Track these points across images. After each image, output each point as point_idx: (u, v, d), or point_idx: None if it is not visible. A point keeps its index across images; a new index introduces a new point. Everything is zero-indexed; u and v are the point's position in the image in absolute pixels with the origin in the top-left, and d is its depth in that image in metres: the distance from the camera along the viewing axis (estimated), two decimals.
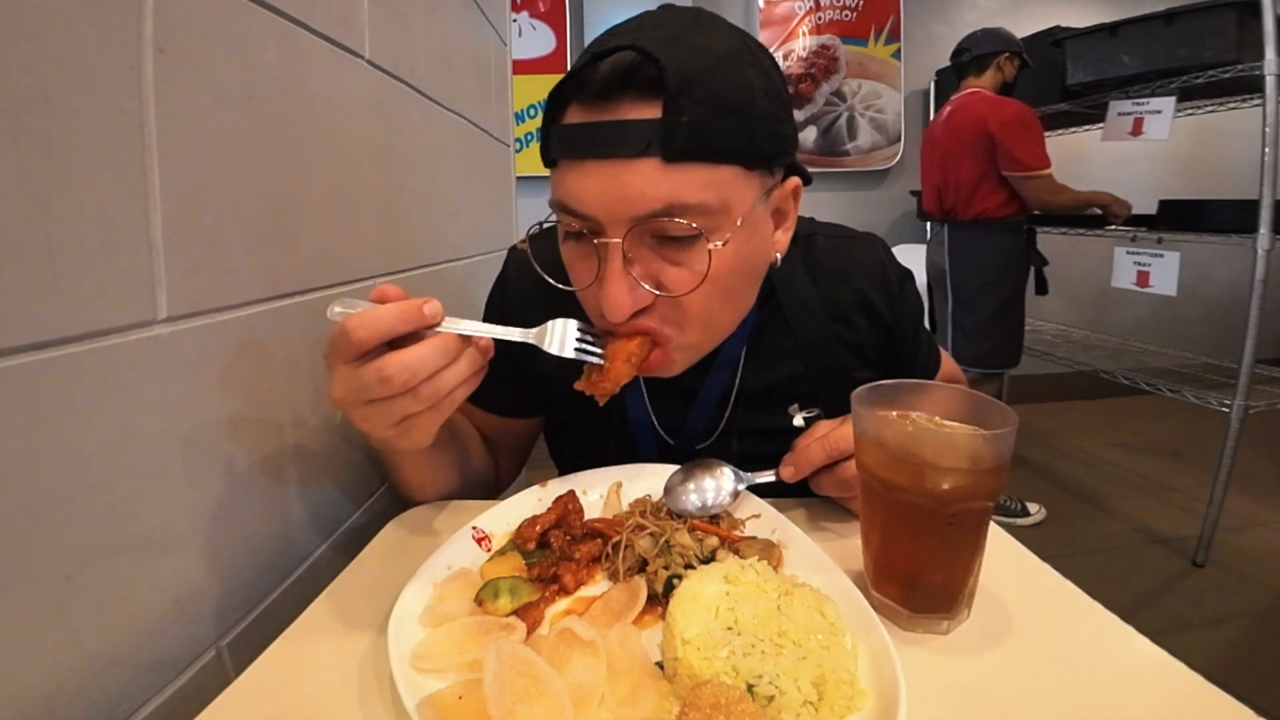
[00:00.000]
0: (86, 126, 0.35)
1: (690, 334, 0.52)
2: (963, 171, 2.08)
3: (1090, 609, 0.45)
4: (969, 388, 0.49)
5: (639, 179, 0.45)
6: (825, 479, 0.56)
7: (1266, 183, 1.74)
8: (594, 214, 0.47)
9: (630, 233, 0.47)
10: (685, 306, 0.50)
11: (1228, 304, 3.22)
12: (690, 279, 0.48)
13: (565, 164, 0.48)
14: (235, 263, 0.47)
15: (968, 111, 2.07)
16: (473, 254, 1.06)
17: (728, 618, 0.39)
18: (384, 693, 0.38)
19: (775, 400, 0.64)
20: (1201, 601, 1.73)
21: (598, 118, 0.46)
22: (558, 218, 0.52)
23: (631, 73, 0.44)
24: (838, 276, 0.65)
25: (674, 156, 0.44)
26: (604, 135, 0.45)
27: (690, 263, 0.48)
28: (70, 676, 0.35)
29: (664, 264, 0.49)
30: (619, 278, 0.47)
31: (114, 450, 0.37)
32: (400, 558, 0.54)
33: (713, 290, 0.49)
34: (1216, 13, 1.84)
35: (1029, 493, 2.28)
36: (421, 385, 0.42)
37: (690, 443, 0.65)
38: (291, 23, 0.53)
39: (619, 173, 0.45)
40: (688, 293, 0.48)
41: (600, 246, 0.48)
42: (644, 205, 0.45)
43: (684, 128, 0.44)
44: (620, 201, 0.45)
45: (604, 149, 0.45)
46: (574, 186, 0.47)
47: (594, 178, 0.46)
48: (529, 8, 2.94)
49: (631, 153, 0.44)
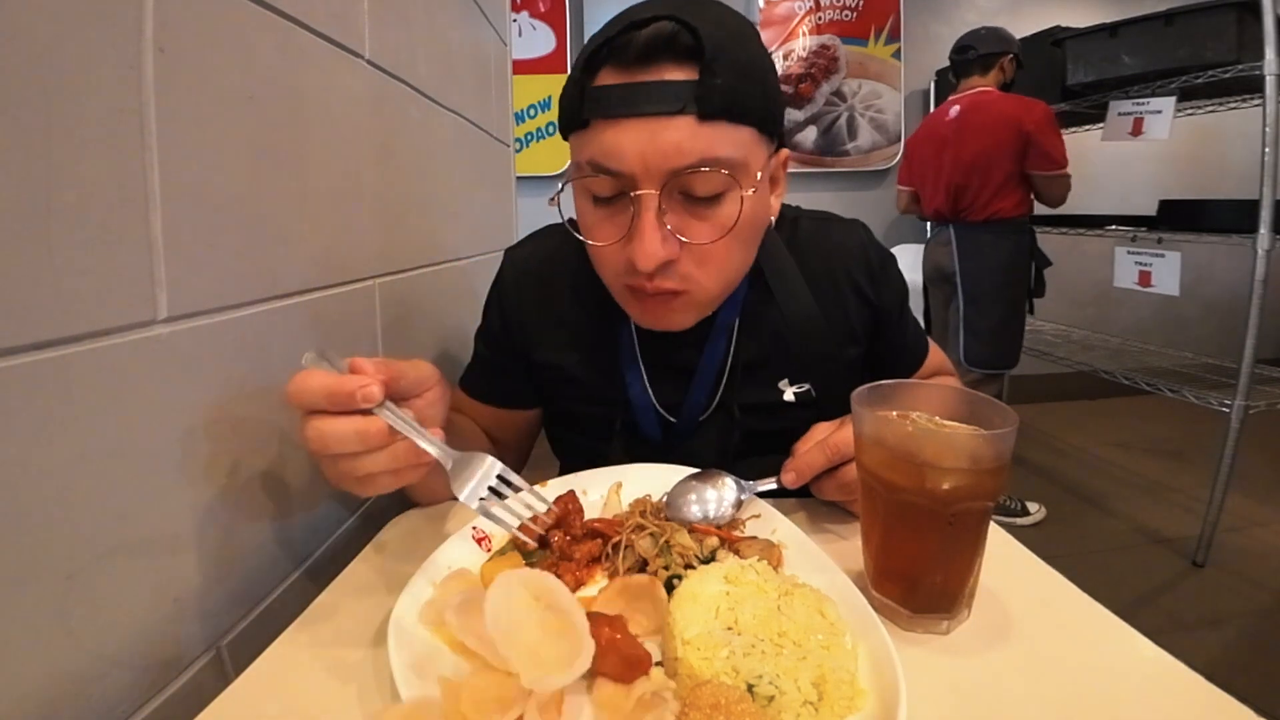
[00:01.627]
0: (86, 126, 0.35)
1: (709, 283, 0.56)
2: (991, 172, 2.05)
3: (1090, 609, 0.45)
4: (970, 388, 0.48)
5: (676, 134, 0.49)
6: (826, 483, 0.56)
7: (1266, 183, 1.74)
8: (631, 168, 0.50)
9: (665, 187, 0.50)
10: (708, 256, 0.54)
11: (1228, 304, 3.22)
12: (714, 231, 0.53)
13: (600, 124, 0.51)
14: (235, 263, 0.47)
15: (991, 111, 2.04)
16: (473, 254, 1.06)
17: (728, 618, 0.39)
18: (384, 693, 0.38)
19: (767, 375, 0.67)
20: (1201, 601, 1.73)
21: (636, 79, 0.49)
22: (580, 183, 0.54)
23: (671, 39, 0.48)
24: (821, 256, 0.69)
25: (708, 115, 0.49)
26: (643, 94, 0.49)
27: (713, 217, 0.53)
28: (70, 676, 0.35)
29: (690, 219, 0.53)
30: (653, 228, 0.51)
31: (114, 450, 0.37)
32: (400, 558, 0.54)
33: (732, 242, 0.53)
34: (1216, 13, 1.84)
35: (1029, 493, 2.28)
36: (340, 460, 0.42)
37: (693, 417, 0.67)
38: (291, 23, 0.53)
39: (657, 129, 0.49)
40: (713, 241, 0.52)
41: (635, 200, 0.51)
42: (681, 158, 0.49)
43: (717, 90, 0.48)
44: (658, 155, 0.49)
45: (643, 106, 0.49)
46: (611, 143, 0.50)
47: (632, 134, 0.49)
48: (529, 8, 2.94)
49: (670, 110, 0.48)
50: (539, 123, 3.01)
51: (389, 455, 0.42)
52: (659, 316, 0.58)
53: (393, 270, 0.74)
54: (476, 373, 0.76)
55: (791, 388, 0.66)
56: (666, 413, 0.67)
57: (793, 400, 0.66)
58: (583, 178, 0.54)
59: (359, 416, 0.41)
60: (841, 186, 3.15)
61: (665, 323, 0.58)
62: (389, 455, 0.42)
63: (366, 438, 0.41)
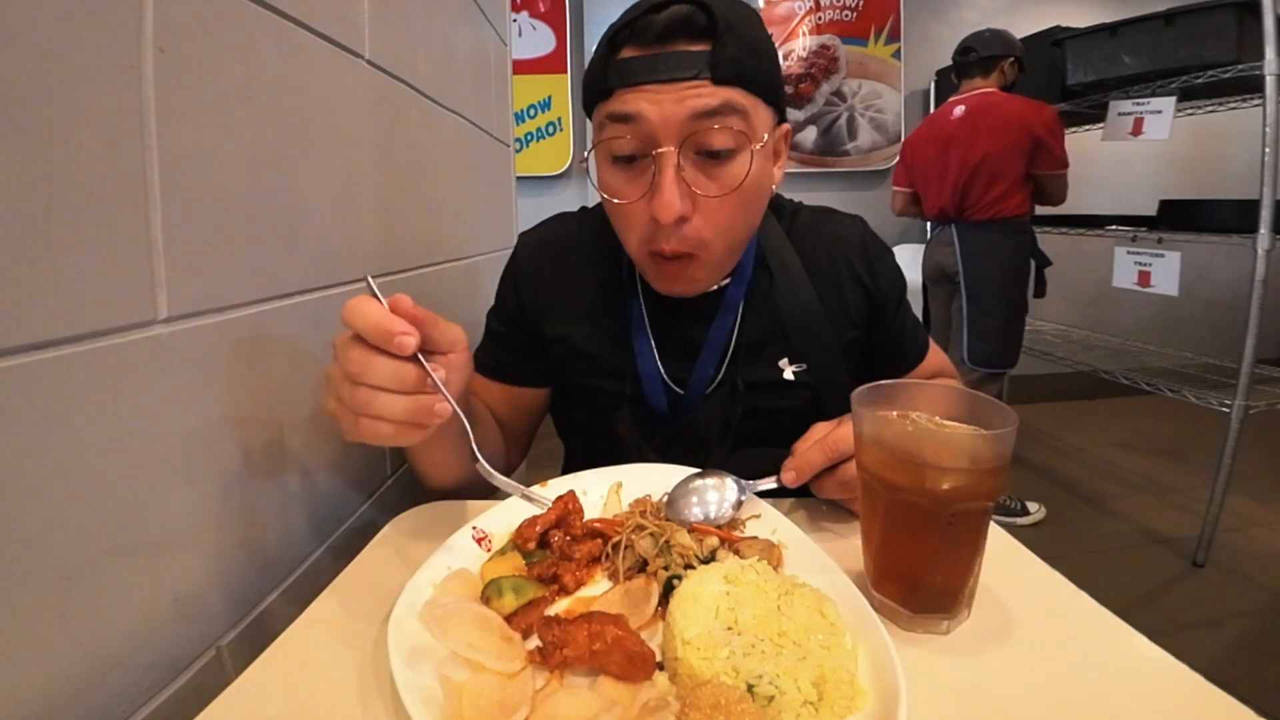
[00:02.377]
0: (86, 126, 0.35)
1: (718, 244, 0.60)
2: (1000, 172, 2.06)
3: (1090, 609, 0.45)
4: (971, 388, 0.48)
5: (692, 95, 0.54)
6: (827, 481, 0.56)
7: (1266, 183, 1.74)
8: (652, 128, 0.55)
9: (683, 144, 0.55)
10: (717, 214, 0.58)
11: (1228, 304, 3.22)
12: (725, 187, 0.57)
13: (622, 91, 0.56)
14: (235, 263, 0.47)
15: (999, 112, 2.05)
16: (473, 254, 1.06)
17: (728, 618, 0.39)
18: (384, 693, 0.38)
19: (769, 353, 0.70)
20: (1201, 601, 1.73)
21: (656, 52, 0.55)
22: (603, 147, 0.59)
23: (687, 19, 0.54)
24: (819, 244, 0.73)
25: (721, 79, 0.55)
26: (663, 63, 0.55)
27: (724, 175, 0.58)
28: (70, 676, 0.35)
29: (703, 176, 0.57)
30: (672, 182, 0.56)
31: (114, 450, 0.37)
32: (400, 558, 0.54)
33: (740, 200, 0.58)
34: (1217, 13, 1.84)
35: (1029, 493, 2.28)
36: (360, 391, 0.43)
37: (698, 390, 0.69)
38: (291, 23, 0.53)
39: (674, 93, 0.54)
40: (724, 196, 0.57)
41: (655, 157, 0.56)
42: (696, 117, 0.54)
43: (729, 57, 0.54)
44: (675, 114, 0.54)
45: (663, 73, 0.55)
46: (632, 107, 0.55)
47: (652, 97, 0.55)
48: (529, 8, 2.94)
49: (687, 75, 0.54)
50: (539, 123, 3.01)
51: (409, 404, 0.44)
52: (673, 280, 0.63)
53: (393, 270, 0.74)
54: (488, 350, 0.78)
55: (791, 367, 0.70)
56: (674, 386, 0.70)
57: (791, 379, 0.69)
58: (605, 139, 0.58)
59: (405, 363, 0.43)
60: (841, 186, 3.15)
61: (678, 286, 0.63)
62: (409, 404, 0.44)
63: (402, 379, 0.43)
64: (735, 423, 0.68)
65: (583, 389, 0.74)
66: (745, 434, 0.69)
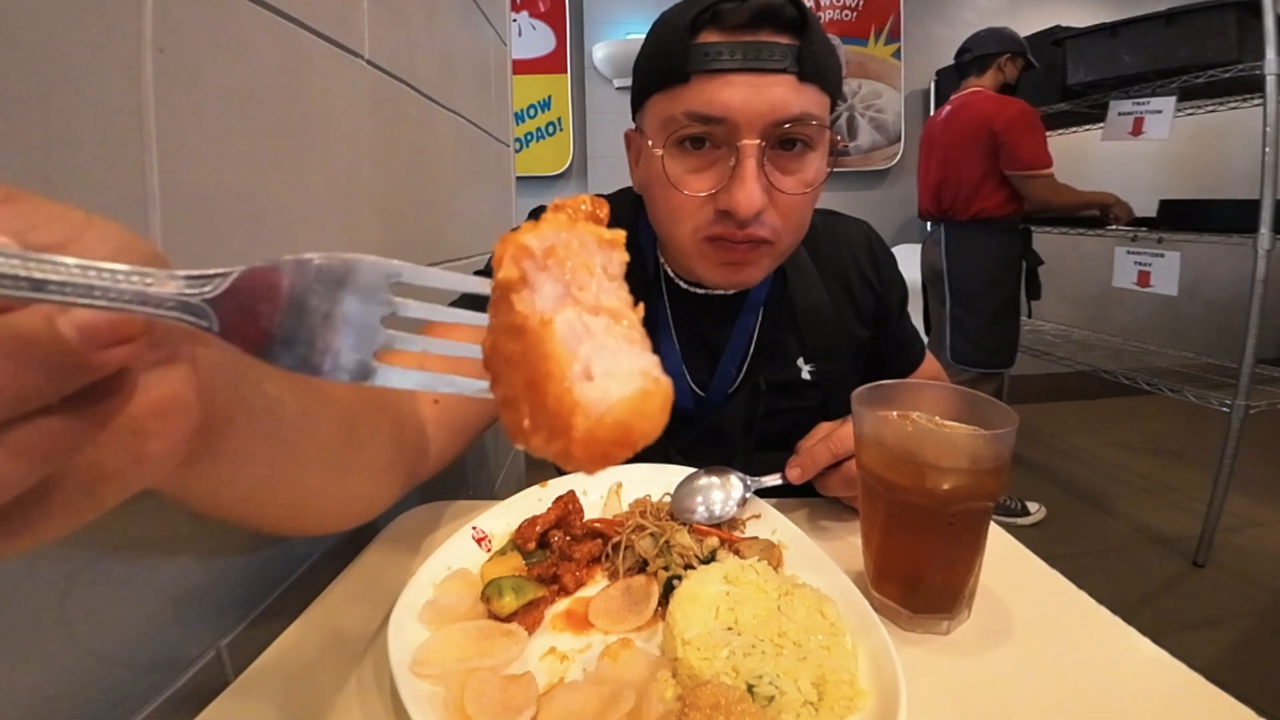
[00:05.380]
0: (86, 126, 0.35)
1: (788, 235, 0.60)
2: (964, 170, 2.07)
3: (1090, 609, 0.45)
4: (968, 388, 0.48)
5: (780, 89, 0.54)
6: (831, 479, 0.57)
7: (1267, 183, 1.73)
8: (736, 118, 0.54)
9: (764, 139, 0.54)
10: (791, 209, 0.58)
11: (1228, 304, 3.22)
12: (800, 184, 0.57)
13: (702, 77, 0.54)
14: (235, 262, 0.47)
15: (970, 110, 2.07)
16: (473, 254, 1.06)
17: (728, 618, 0.39)
18: (384, 693, 0.38)
19: (787, 353, 0.71)
20: (1201, 601, 1.73)
21: (743, 39, 0.54)
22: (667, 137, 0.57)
23: (778, 10, 0.54)
24: (829, 247, 0.74)
25: (805, 76, 0.54)
26: (752, 52, 0.53)
27: (800, 171, 0.58)
28: (70, 676, 0.35)
29: (779, 173, 0.57)
30: (755, 175, 0.54)
31: None
32: (400, 558, 0.54)
33: (809, 197, 0.59)
34: (1217, 13, 1.84)
35: (1029, 493, 2.28)
36: None
37: (722, 389, 0.70)
38: (291, 23, 0.53)
39: (763, 84, 0.53)
40: (799, 194, 0.57)
41: (738, 149, 0.54)
42: (785, 111, 0.54)
43: (813, 55, 0.54)
44: (765, 106, 0.53)
45: (751, 62, 0.53)
46: (716, 95, 0.54)
47: (739, 87, 0.53)
48: (529, 8, 2.94)
49: (776, 68, 0.53)
50: (539, 123, 3.01)
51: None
52: (738, 268, 0.61)
53: None
54: None
55: (807, 366, 0.71)
56: (696, 389, 0.71)
57: (808, 379, 0.71)
58: (674, 131, 0.56)
59: None
60: (842, 186, 3.15)
61: (742, 276, 0.61)
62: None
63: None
64: (758, 422, 0.69)
65: None
66: (765, 434, 0.70)
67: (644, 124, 0.61)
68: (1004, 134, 1.98)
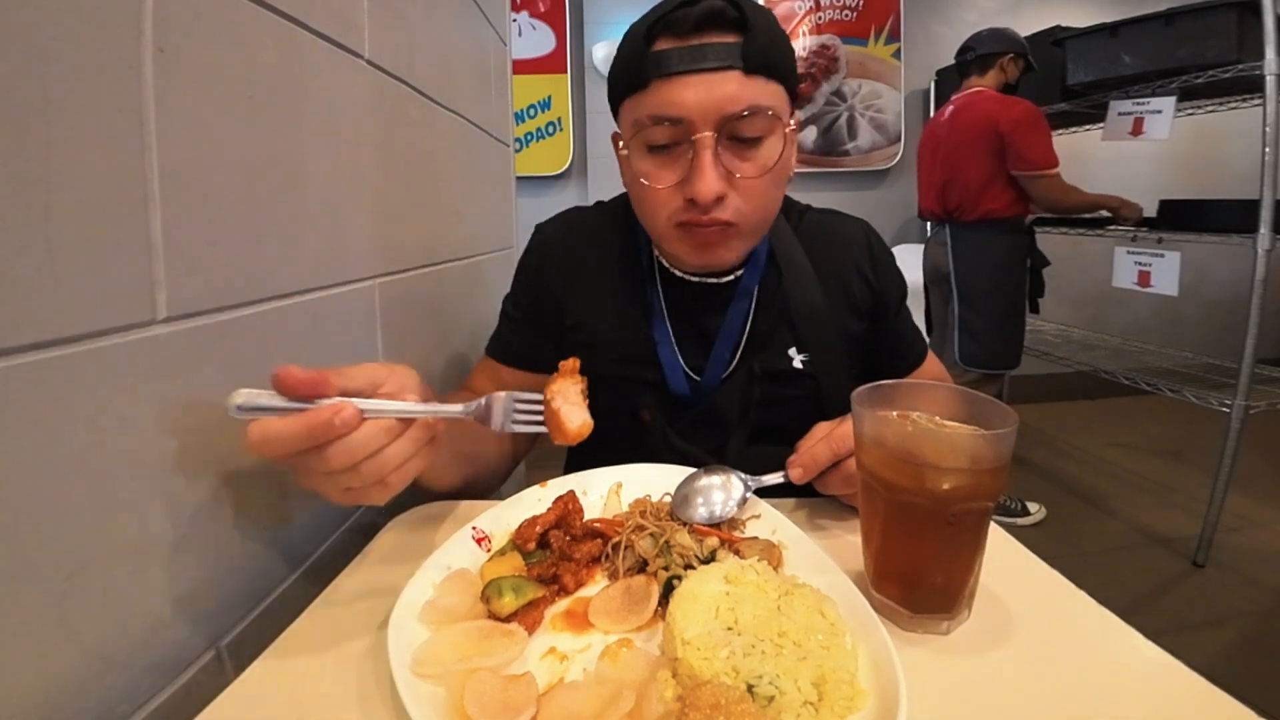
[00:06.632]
0: (86, 126, 0.35)
1: (754, 216, 0.64)
2: (970, 171, 2.06)
3: (1090, 609, 0.45)
4: (970, 389, 0.48)
5: (727, 85, 0.58)
6: (831, 477, 0.57)
7: (1267, 183, 1.74)
8: (689, 114, 0.58)
9: (718, 131, 0.58)
10: (752, 192, 0.62)
11: (1228, 304, 3.22)
12: (758, 169, 0.61)
13: (659, 82, 0.59)
14: (235, 263, 0.47)
15: (974, 110, 2.06)
16: (473, 254, 1.06)
17: (728, 618, 0.39)
18: (384, 693, 0.38)
19: (778, 342, 0.73)
20: (1201, 601, 1.73)
21: (691, 43, 0.58)
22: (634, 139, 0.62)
23: (719, 14, 0.58)
24: (825, 243, 0.76)
25: (751, 70, 0.58)
26: (699, 54, 0.58)
27: (756, 157, 0.61)
28: (70, 676, 0.35)
29: (737, 159, 0.61)
30: (711, 165, 0.59)
31: (114, 450, 0.37)
32: (400, 558, 0.54)
33: (770, 180, 0.62)
34: (1217, 13, 1.84)
35: (1029, 493, 2.28)
36: (363, 464, 0.41)
37: (716, 374, 0.72)
38: (291, 23, 0.53)
39: (711, 82, 0.58)
40: (759, 177, 0.61)
41: (694, 143, 0.59)
42: (732, 105, 0.58)
43: (758, 49, 0.58)
44: (713, 102, 0.58)
45: (699, 64, 0.57)
46: (670, 97, 0.58)
47: (691, 87, 0.58)
48: (529, 8, 2.94)
49: (721, 65, 0.57)
50: (539, 123, 3.01)
51: (411, 440, 0.43)
52: (710, 249, 0.65)
53: (393, 270, 0.74)
54: (505, 338, 0.80)
55: (799, 356, 0.72)
56: (691, 373, 0.73)
57: (800, 368, 0.72)
58: (640, 132, 0.61)
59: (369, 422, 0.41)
60: (842, 186, 3.15)
61: (714, 257, 0.65)
62: (411, 440, 0.43)
63: (389, 429, 0.42)
64: (753, 406, 0.71)
65: (603, 376, 0.73)
66: (761, 424, 0.70)
67: (620, 127, 0.66)
68: (1010, 134, 1.97)
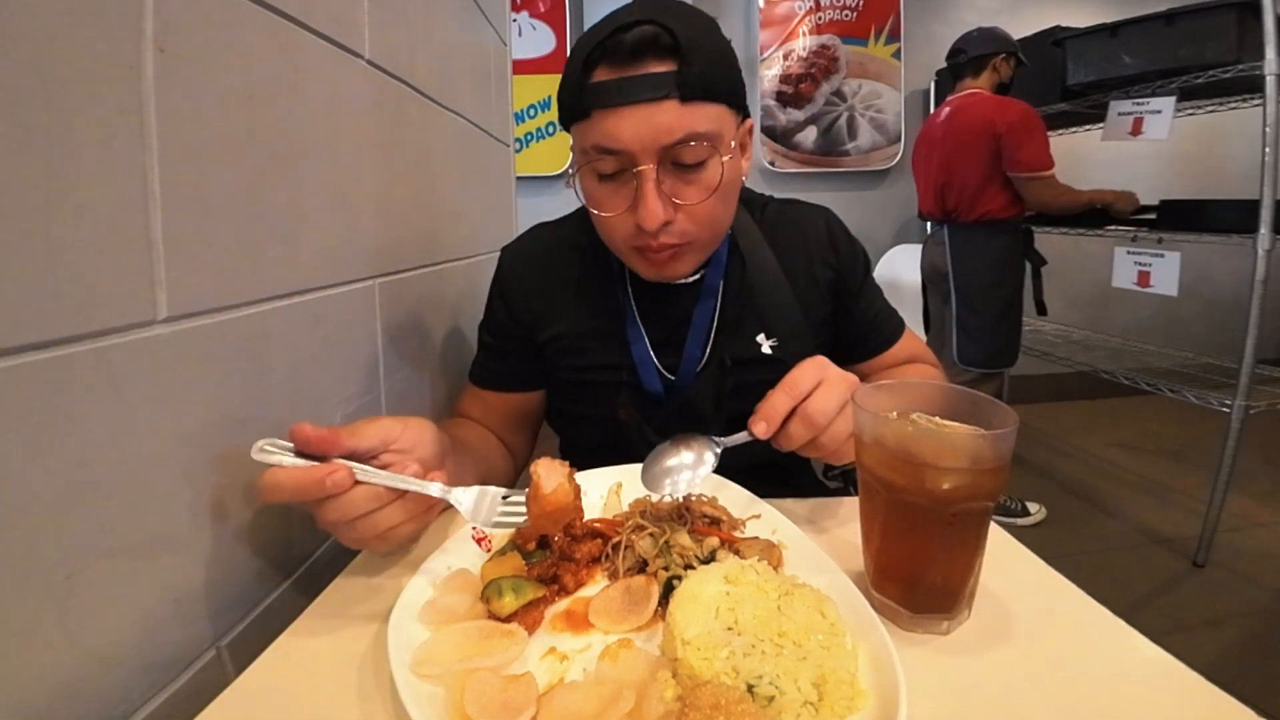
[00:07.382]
0: (86, 126, 0.35)
1: (703, 234, 0.65)
2: (968, 173, 2.06)
3: (1090, 609, 0.45)
4: (969, 388, 0.48)
5: (664, 116, 0.58)
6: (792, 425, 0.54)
7: (1267, 183, 1.73)
8: (630, 148, 0.58)
9: (659, 160, 0.59)
10: (698, 214, 0.63)
11: (1228, 304, 3.22)
12: (702, 193, 0.62)
13: (599, 113, 0.59)
14: (235, 263, 0.47)
15: (971, 112, 2.06)
16: (473, 254, 1.06)
17: (728, 618, 0.39)
18: (384, 693, 0.38)
19: (746, 330, 0.74)
20: (1201, 601, 1.73)
21: (627, 74, 0.58)
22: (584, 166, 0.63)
23: (653, 40, 0.57)
24: (786, 230, 0.79)
25: (688, 98, 0.58)
26: (635, 85, 0.57)
27: (699, 181, 0.62)
28: (70, 676, 0.35)
29: (681, 185, 0.61)
30: (654, 195, 0.60)
31: (114, 450, 0.37)
32: (400, 558, 0.54)
33: (716, 199, 0.62)
34: (1217, 13, 1.84)
35: (1029, 493, 2.28)
36: (356, 522, 0.46)
37: (689, 370, 0.73)
38: (291, 23, 0.53)
39: (649, 114, 0.58)
40: (702, 202, 0.62)
41: (637, 174, 0.60)
42: (670, 136, 0.58)
43: (694, 76, 0.58)
44: (651, 135, 0.58)
45: (636, 95, 0.57)
46: (611, 129, 0.59)
47: (628, 119, 0.58)
48: (529, 8, 2.94)
49: (657, 96, 0.57)
50: (539, 123, 3.01)
51: (403, 508, 0.47)
52: (664, 267, 0.66)
53: (393, 270, 0.74)
54: (483, 364, 0.81)
55: (768, 341, 0.74)
56: (665, 372, 0.74)
57: (769, 353, 0.73)
58: (589, 162, 0.62)
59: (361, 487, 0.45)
60: (841, 186, 3.14)
61: (670, 271, 0.67)
62: (403, 508, 0.47)
63: (377, 496, 0.46)
64: (726, 397, 0.72)
65: (580, 381, 0.77)
66: (736, 413, 0.68)
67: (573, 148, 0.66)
68: (1006, 136, 1.97)
